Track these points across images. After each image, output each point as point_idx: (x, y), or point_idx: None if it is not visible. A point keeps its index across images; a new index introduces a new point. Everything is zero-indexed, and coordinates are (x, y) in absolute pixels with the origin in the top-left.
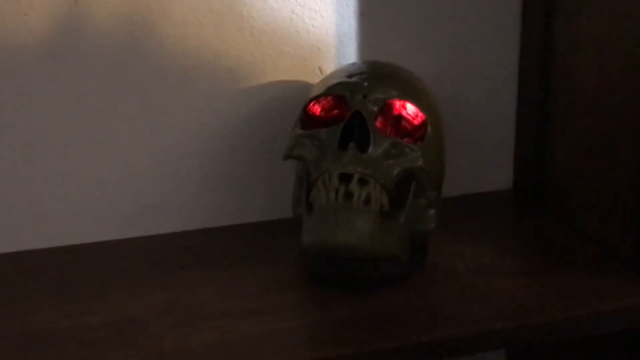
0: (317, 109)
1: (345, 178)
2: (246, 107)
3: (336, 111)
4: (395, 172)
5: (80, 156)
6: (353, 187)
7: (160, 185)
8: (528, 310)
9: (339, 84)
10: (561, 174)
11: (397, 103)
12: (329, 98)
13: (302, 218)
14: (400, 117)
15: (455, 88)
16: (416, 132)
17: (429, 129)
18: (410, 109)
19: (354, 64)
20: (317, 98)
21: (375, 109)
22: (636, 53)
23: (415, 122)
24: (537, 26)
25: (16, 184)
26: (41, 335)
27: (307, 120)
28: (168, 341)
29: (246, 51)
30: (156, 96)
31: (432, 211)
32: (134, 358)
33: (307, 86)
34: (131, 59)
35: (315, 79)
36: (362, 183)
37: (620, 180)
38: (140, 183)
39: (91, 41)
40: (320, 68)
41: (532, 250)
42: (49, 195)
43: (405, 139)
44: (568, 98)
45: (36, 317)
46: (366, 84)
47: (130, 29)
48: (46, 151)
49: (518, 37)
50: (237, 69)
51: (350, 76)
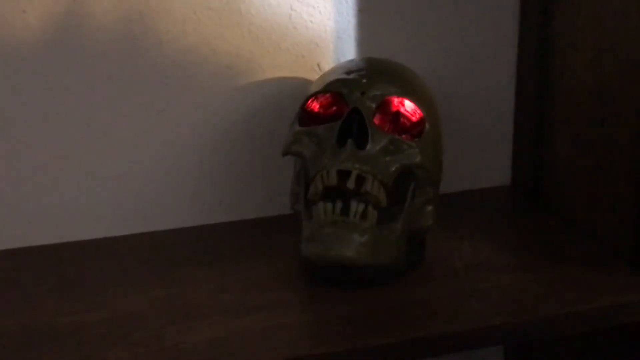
0: (316, 106)
1: (343, 174)
2: (244, 104)
3: (334, 108)
4: (393, 169)
5: (78, 153)
6: (350, 184)
7: (158, 182)
8: (526, 306)
9: (338, 81)
10: (559, 171)
11: (395, 100)
12: (328, 95)
13: (301, 218)
14: (398, 114)
15: (453, 85)
16: (414, 129)
17: (427, 126)
18: (408, 106)
19: (352, 61)
20: (316, 95)
21: (373, 106)
22: (634, 49)
23: (413, 119)
24: (535, 23)
25: (14, 181)
26: (41, 331)
27: (306, 116)
28: (167, 337)
29: (244, 48)
30: (155, 93)
31: (430, 207)
32: (134, 354)
33: (306, 83)
34: (130, 56)
35: (313, 76)
36: (360, 180)
37: (618, 176)
38: (138, 180)
39: (90, 38)
40: (318, 64)
41: (530, 246)
42: (48, 192)
43: (403, 136)
44: (566, 94)
45: (36, 314)
46: (364, 81)
47: (128, 26)
48: (44, 148)
49: (516, 34)
50: (236, 66)
51: (348, 73)
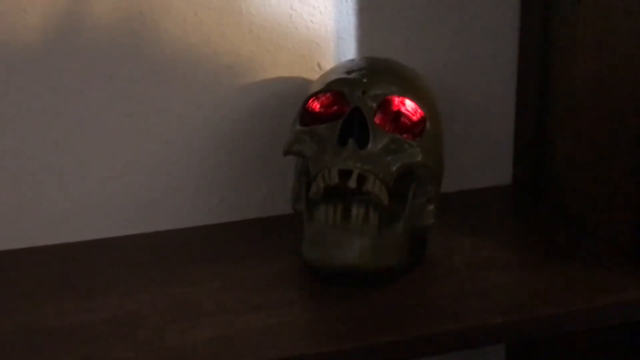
0: (317, 105)
1: (344, 174)
2: (245, 103)
3: (335, 107)
4: (394, 168)
5: (79, 153)
6: (352, 184)
7: (159, 181)
8: (527, 304)
9: (338, 80)
10: (560, 169)
11: (396, 99)
12: (328, 94)
13: (303, 218)
14: (399, 113)
15: (454, 84)
16: (415, 128)
17: (428, 125)
18: (409, 105)
19: (353, 60)
20: (317, 94)
21: (374, 105)
22: (635, 48)
23: (414, 118)
24: (536, 21)
25: (15, 181)
26: (43, 331)
27: (307, 116)
28: (169, 336)
29: (245, 47)
30: (155, 92)
31: (432, 206)
32: (136, 353)
33: (306, 82)
34: (130, 55)
35: (314, 75)
36: (362, 179)
37: (619, 174)
38: (139, 179)
39: (90, 37)
40: (319, 64)
41: (531, 244)
42: (49, 192)
43: (404, 135)
44: (567, 93)
45: (38, 314)
46: (365, 80)
47: (129, 26)
48: (46, 148)
49: (517, 33)
50: (236, 65)
51: (349, 72)
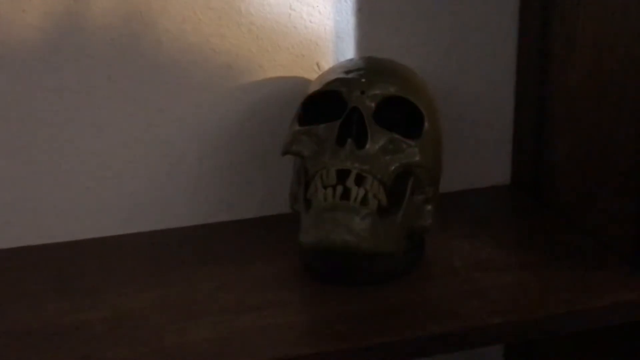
0: (315, 105)
1: (342, 174)
2: (244, 103)
3: (334, 107)
4: (392, 168)
5: (78, 152)
6: (350, 184)
7: (158, 181)
8: (525, 305)
9: (337, 80)
10: (559, 169)
11: (395, 99)
12: (327, 94)
13: (300, 214)
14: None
15: (452, 84)
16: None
17: (427, 125)
18: (408, 105)
19: (352, 60)
20: (315, 94)
21: (372, 105)
22: (634, 48)
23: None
24: (535, 21)
25: (14, 180)
26: (41, 331)
27: (305, 116)
28: (168, 336)
29: (244, 47)
30: (154, 92)
31: (430, 207)
32: (134, 353)
33: (305, 82)
34: (129, 55)
35: (313, 75)
36: (360, 179)
37: (618, 174)
38: (138, 179)
39: (89, 37)
40: (318, 64)
41: (530, 245)
42: (47, 191)
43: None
44: (566, 93)
45: (35, 313)
46: (364, 80)
47: (128, 25)
48: (44, 147)
49: (516, 33)
50: (235, 65)
51: (348, 72)
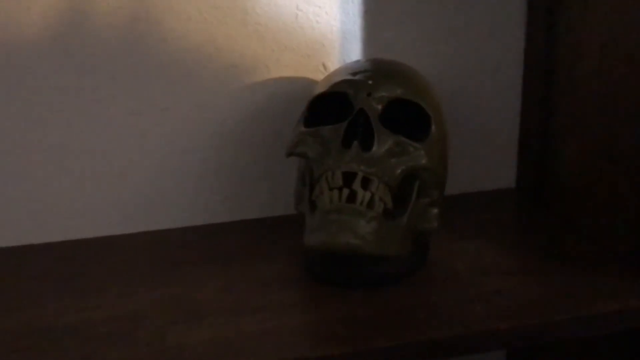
0: (321, 107)
1: (348, 176)
2: (249, 103)
3: (340, 109)
4: (399, 171)
5: (81, 151)
6: (356, 187)
7: (161, 180)
8: (529, 310)
9: (343, 82)
10: (564, 174)
11: (402, 101)
12: (333, 95)
13: (305, 216)
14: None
15: (459, 86)
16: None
17: (433, 128)
18: (414, 108)
19: (358, 62)
20: (321, 95)
21: (379, 107)
22: None
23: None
24: (542, 24)
25: (16, 178)
26: (42, 330)
27: (311, 117)
28: (169, 337)
29: (250, 47)
30: (159, 91)
31: (435, 210)
32: (136, 353)
33: (311, 83)
34: (134, 54)
35: (319, 76)
36: (366, 182)
37: (623, 179)
38: (141, 178)
39: (94, 36)
40: (324, 65)
41: (535, 249)
42: (50, 190)
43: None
44: (572, 97)
45: (37, 312)
46: (370, 82)
47: (133, 24)
48: (47, 146)
49: (523, 35)
50: (241, 65)
51: (354, 74)
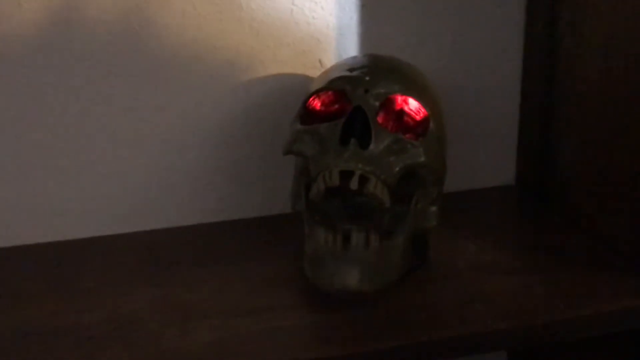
0: (317, 104)
1: (346, 174)
2: (245, 100)
3: (337, 106)
4: (397, 169)
5: (75, 150)
6: (353, 185)
7: (157, 179)
8: (531, 310)
9: (340, 78)
10: (564, 170)
11: (399, 98)
12: (330, 92)
13: (303, 220)
14: (402, 113)
15: (457, 82)
16: (418, 128)
17: (432, 125)
18: (412, 104)
19: (355, 58)
20: (318, 92)
21: (377, 104)
22: None
23: (417, 118)
24: (542, 20)
25: (10, 178)
26: (36, 332)
27: (307, 115)
28: (166, 339)
29: (245, 43)
30: (153, 88)
31: (434, 208)
32: (131, 356)
33: (307, 79)
34: (128, 51)
35: (315, 72)
36: (363, 180)
37: (625, 176)
38: (137, 177)
39: (88, 32)
40: (320, 61)
41: (535, 247)
42: (43, 189)
43: (407, 135)
44: (572, 93)
45: (31, 314)
46: (368, 79)
47: (127, 20)
48: (41, 145)
49: (522, 30)
50: (236, 61)
51: (351, 70)
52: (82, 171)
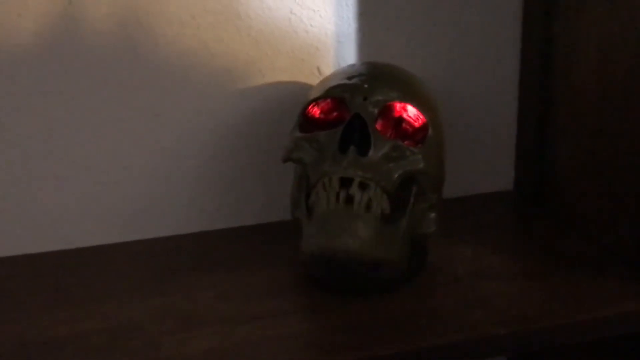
0: (316, 112)
1: (345, 182)
2: (243, 108)
3: (335, 113)
4: (396, 176)
5: (73, 158)
6: (354, 191)
7: (155, 187)
8: (529, 315)
9: (339, 86)
10: (562, 175)
11: (398, 105)
12: (328, 100)
13: (302, 222)
14: (400, 120)
15: (455, 89)
16: (417, 135)
17: (430, 131)
18: (410, 111)
19: (354, 66)
20: (316, 100)
21: (375, 111)
22: (638, 54)
23: (416, 125)
24: (538, 25)
25: (9, 187)
26: (36, 341)
27: (306, 122)
28: (165, 347)
29: (243, 51)
30: (151, 97)
31: (433, 214)
32: None
33: (306, 87)
34: (126, 59)
35: (313, 80)
36: (363, 187)
37: (622, 181)
38: (135, 185)
39: (86, 41)
40: (318, 68)
41: (534, 252)
42: (43, 198)
43: (406, 142)
44: (569, 98)
45: (31, 323)
46: (366, 86)
47: (125, 29)
48: (39, 153)
49: (519, 37)
50: (234, 69)
51: (349, 78)
52: (80, 180)
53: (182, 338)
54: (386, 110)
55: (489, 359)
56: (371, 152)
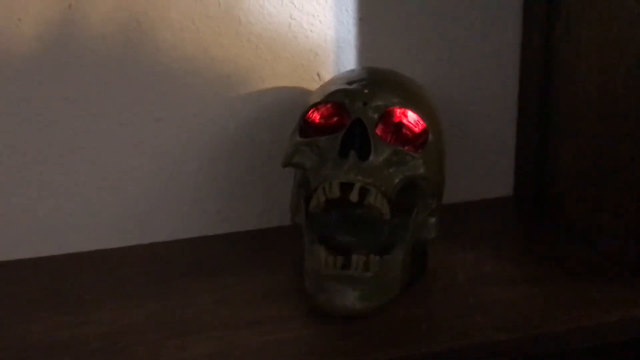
0: (317, 117)
1: (345, 187)
2: (243, 113)
3: (336, 119)
4: (397, 181)
5: (74, 163)
6: (353, 197)
7: (155, 192)
8: (531, 320)
9: (339, 91)
10: (562, 181)
11: (398, 110)
12: (329, 105)
13: (302, 234)
14: (401, 125)
15: (455, 94)
16: (417, 140)
17: (430, 137)
18: (411, 117)
19: (353, 71)
20: (317, 105)
21: (375, 117)
22: (638, 60)
23: (416, 130)
24: (538, 32)
25: (10, 191)
26: (36, 346)
27: (306, 127)
28: (164, 352)
29: (243, 57)
30: (152, 102)
31: (433, 220)
32: None
33: (306, 92)
34: (127, 64)
35: (313, 85)
36: (363, 192)
37: (622, 187)
38: (135, 190)
39: (86, 46)
40: (318, 74)
41: (534, 257)
42: (43, 202)
43: (406, 147)
44: (569, 104)
45: (31, 328)
46: (366, 91)
47: (126, 34)
48: (40, 158)
49: (519, 43)
50: (234, 75)
51: (350, 83)
52: (80, 184)
53: (182, 343)
54: (386, 115)
55: None
56: (372, 157)
